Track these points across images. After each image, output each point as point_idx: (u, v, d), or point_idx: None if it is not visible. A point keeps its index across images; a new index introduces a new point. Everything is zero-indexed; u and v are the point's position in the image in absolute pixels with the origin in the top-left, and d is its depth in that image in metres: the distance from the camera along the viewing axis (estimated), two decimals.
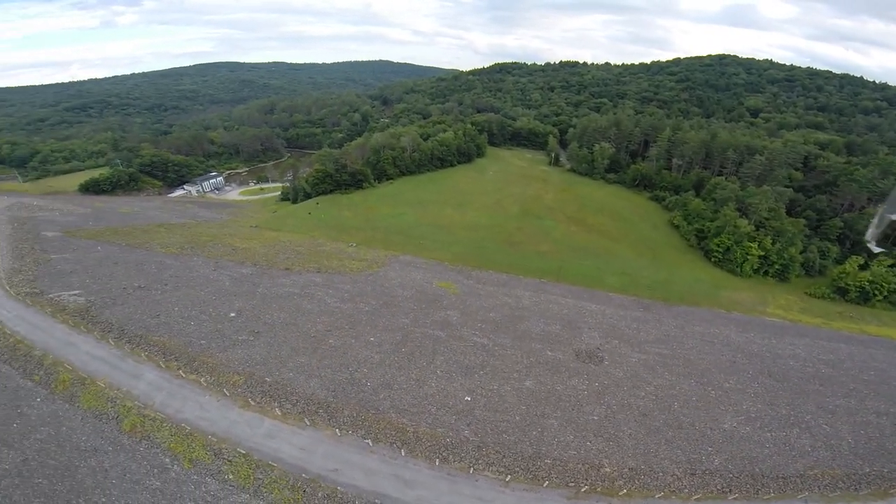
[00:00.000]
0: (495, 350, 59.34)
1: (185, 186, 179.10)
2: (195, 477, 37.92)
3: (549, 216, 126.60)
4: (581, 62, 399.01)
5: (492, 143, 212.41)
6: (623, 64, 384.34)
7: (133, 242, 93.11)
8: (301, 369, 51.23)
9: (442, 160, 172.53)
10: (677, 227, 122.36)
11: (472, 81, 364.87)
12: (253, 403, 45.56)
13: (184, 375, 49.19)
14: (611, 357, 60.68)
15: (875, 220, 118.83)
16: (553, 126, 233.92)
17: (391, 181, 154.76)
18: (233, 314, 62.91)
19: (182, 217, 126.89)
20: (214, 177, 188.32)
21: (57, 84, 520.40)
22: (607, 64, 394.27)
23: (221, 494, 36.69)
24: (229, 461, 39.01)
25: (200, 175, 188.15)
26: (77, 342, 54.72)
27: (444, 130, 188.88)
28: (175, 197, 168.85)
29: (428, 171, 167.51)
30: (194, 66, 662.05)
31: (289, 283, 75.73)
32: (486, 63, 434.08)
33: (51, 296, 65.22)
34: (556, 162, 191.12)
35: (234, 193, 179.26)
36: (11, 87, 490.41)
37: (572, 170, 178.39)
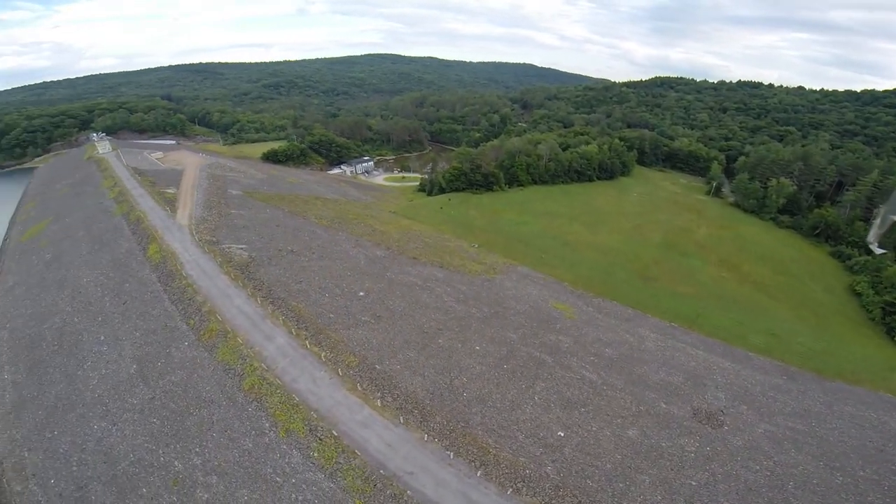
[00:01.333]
0: (603, 389, 54.85)
1: (341, 166, 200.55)
2: (284, 447, 40.65)
3: (697, 254, 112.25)
4: (766, 83, 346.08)
5: (641, 163, 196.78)
6: (822, 89, 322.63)
7: (294, 210, 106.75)
8: (408, 363, 53.24)
9: (580, 173, 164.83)
10: (859, 294, 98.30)
11: (625, 93, 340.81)
12: (359, 389, 48.17)
13: (308, 347, 53.57)
14: (733, 422, 52.31)
15: (877, 221, 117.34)
16: (719, 151, 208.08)
17: (521, 188, 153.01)
18: (361, 293, 67.88)
19: (336, 193, 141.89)
20: (366, 161, 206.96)
21: (259, 63, 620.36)
22: (800, 88, 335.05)
23: (300, 469, 38.88)
24: (320, 439, 41.33)
25: (355, 158, 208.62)
26: (232, 295, 62.77)
27: (587, 143, 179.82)
28: (332, 174, 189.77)
29: (562, 182, 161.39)
30: (364, 55, 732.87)
31: (414, 272, 79.40)
32: (644, 75, 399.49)
33: (223, 246, 77.90)
34: (716, 192, 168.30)
35: (379, 178, 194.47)
36: (227, 63, 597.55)
37: (736, 204, 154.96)
